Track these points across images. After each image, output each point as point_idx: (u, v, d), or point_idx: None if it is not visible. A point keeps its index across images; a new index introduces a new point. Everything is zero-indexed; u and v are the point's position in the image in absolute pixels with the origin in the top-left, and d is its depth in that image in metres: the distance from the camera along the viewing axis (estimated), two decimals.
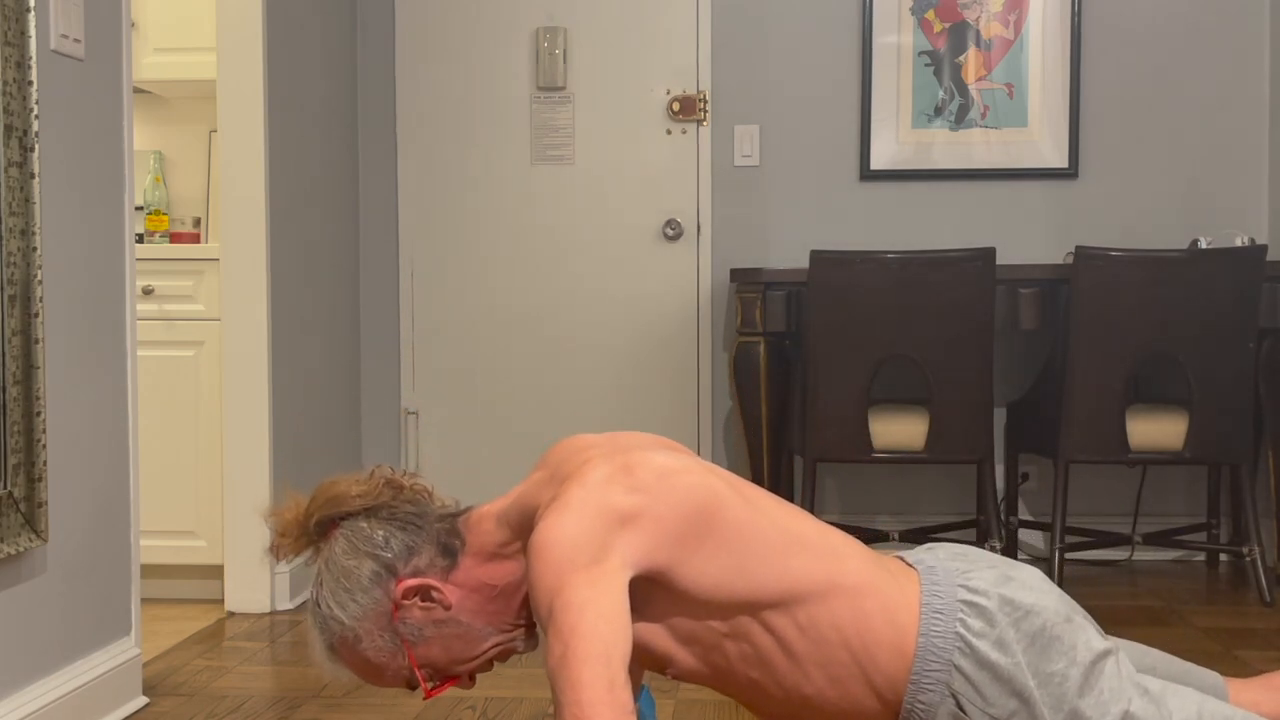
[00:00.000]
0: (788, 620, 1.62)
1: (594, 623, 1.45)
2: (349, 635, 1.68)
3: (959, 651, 1.61)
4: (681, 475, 1.61)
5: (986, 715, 1.60)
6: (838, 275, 3.62)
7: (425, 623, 1.68)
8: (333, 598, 1.68)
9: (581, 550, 1.50)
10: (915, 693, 1.62)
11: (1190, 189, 4.27)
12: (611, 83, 4.36)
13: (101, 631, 2.66)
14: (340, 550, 1.69)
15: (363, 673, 1.72)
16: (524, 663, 3.03)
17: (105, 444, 2.67)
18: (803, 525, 1.67)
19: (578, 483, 1.57)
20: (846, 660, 1.63)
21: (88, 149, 2.60)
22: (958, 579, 1.66)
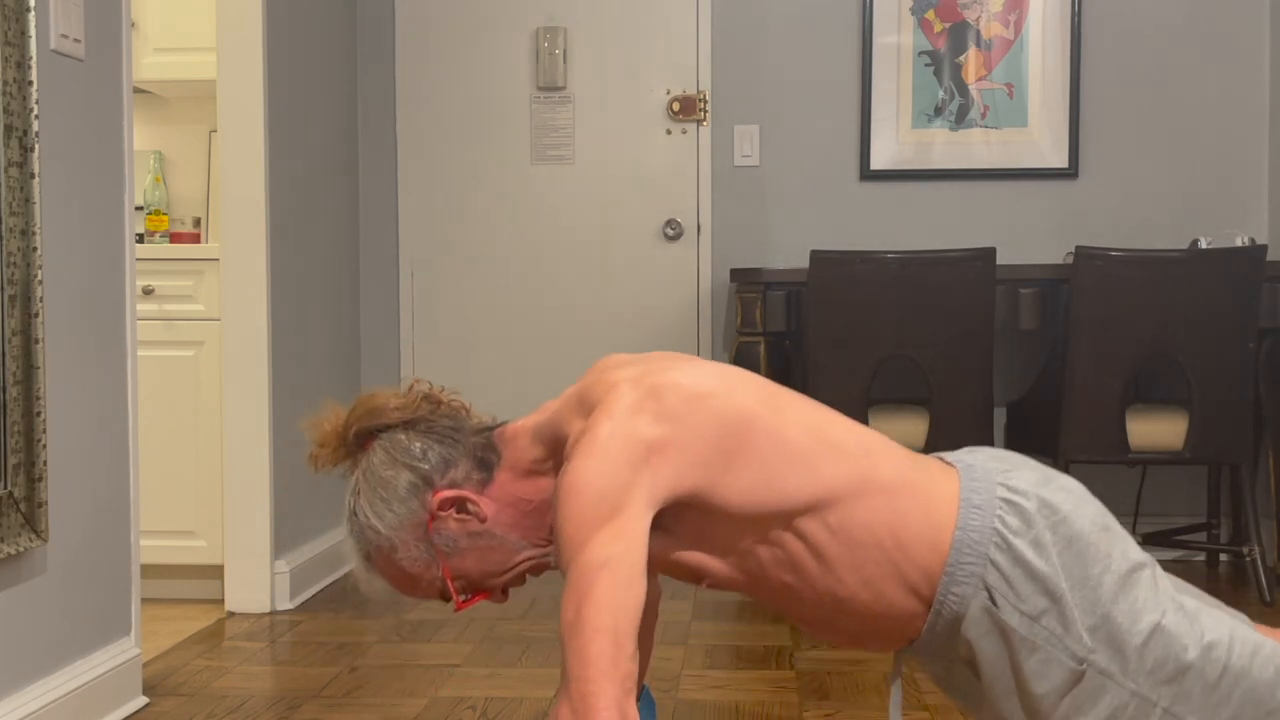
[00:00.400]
0: (819, 524, 1.62)
1: (608, 590, 1.47)
2: (385, 545, 1.70)
3: (995, 546, 1.61)
4: (710, 399, 1.61)
5: (1018, 611, 1.59)
6: (838, 275, 3.62)
7: (460, 534, 1.70)
8: (370, 508, 1.70)
9: (605, 499, 1.52)
10: (949, 584, 1.62)
11: (1190, 189, 4.27)
12: (611, 83, 4.36)
13: (101, 631, 2.66)
14: (378, 461, 1.71)
15: (397, 583, 1.73)
16: (524, 663, 3.04)
17: (105, 444, 2.67)
18: (835, 428, 1.68)
19: (605, 413, 1.58)
20: (880, 559, 1.63)
21: (88, 149, 2.60)
22: (997, 477, 1.67)
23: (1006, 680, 1.62)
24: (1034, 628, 1.59)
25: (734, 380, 1.67)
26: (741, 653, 3.13)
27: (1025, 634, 1.59)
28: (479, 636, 3.29)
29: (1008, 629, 1.60)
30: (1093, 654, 1.59)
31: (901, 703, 1.81)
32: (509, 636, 3.29)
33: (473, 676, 2.94)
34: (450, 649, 3.18)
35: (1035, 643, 1.59)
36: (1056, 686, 1.59)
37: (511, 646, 3.19)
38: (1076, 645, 1.59)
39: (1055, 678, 1.59)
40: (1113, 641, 1.59)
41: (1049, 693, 1.60)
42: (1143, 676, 1.59)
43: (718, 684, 2.86)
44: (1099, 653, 1.59)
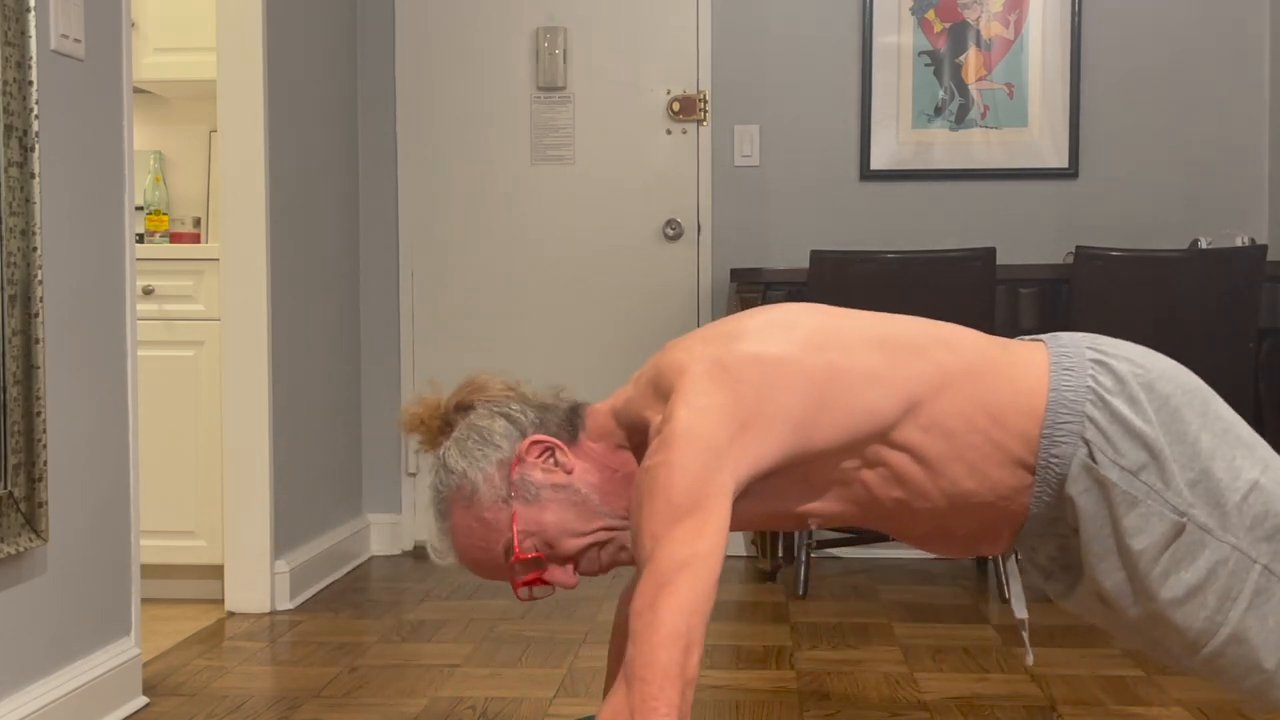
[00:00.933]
0: (912, 429, 1.64)
1: (687, 592, 1.48)
2: (466, 487, 1.71)
3: (1090, 403, 1.62)
4: (783, 366, 1.61)
5: (1117, 466, 1.60)
6: (838, 275, 3.62)
7: (544, 484, 1.71)
8: (459, 450, 1.73)
9: (688, 492, 1.53)
10: (1048, 447, 1.63)
11: (1190, 189, 4.27)
12: (611, 83, 4.36)
13: (101, 631, 2.66)
14: (475, 415, 1.76)
15: (471, 537, 1.72)
16: (524, 663, 3.04)
17: (105, 444, 2.67)
18: (903, 332, 1.68)
19: (681, 401, 1.58)
20: (979, 442, 1.64)
21: (88, 149, 2.60)
22: (1085, 343, 1.69)
23: (1106, 538, 1.62)
24: (1133, 482, 1.60)
25: (800, 332, 1.66)
26: (741, 653, 3.13)
27: (1125, 488, 1.60)
28: (479, 636, 3.29)
29: (1107, 484, 1.61)
30: (1192, 508, 1.60)
31: (1024, 597, 1.81)
32: (509, 636, 3.29)
33: (473, 676, 2.94)
34: (450, 649, 3.18)
35: (1135, 497, 1.60)
36: (1156, 541, 1.60)
37: (511, 646, 3.19)
38: (1176, 499, 1.60)
39: (1155, 532, 1.60)
40: (1212, 496, 1.60)
41: (1148, 548, 1.60)
42: (1242, 532, 1.60)
43: (718, 684, 2.86)
44: (1198, 507, 1.60)
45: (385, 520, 4.42)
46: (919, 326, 1.71)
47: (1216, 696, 2.76)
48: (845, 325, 1.69)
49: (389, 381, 4.43)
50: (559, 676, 2.93)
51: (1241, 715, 2.62)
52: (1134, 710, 2.67)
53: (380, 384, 4.42)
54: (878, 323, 1.70)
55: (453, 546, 1.74)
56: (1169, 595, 1.61)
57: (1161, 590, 1.61)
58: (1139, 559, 1.61)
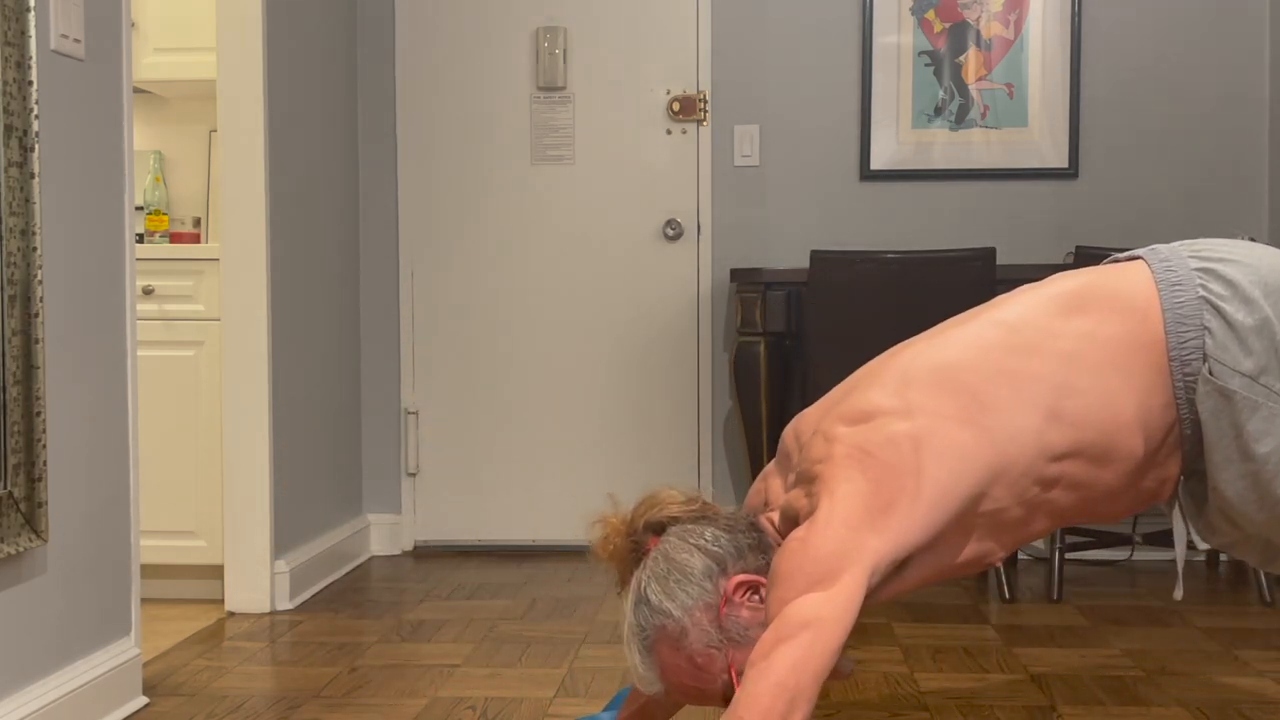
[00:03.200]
0: (1060, 424, 1.63)
1: (805, 650, 1.48)
2: (675, 629, 1.67)
3: (1207, 312, 1.61)
4: (924, 446, 1.60)
5: (1237, 374, 1.60)
6: (838, 275, 3.62)
7: (753, 624, 1.67)
8: (662, 589, 1.68)
9: (825, 561, 1.53)
10: (1179, 368, 1.62)
11: (1190, 189, 4.27)
12: (611, 83, 4.36)
13: (101, 631, 2.66)
14: (671, 546, 1.71)
15: (680, 676, 1.70)
16: (524, 663, 3.04)
17: (105, 444, 2.67)
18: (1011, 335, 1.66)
19: (825, 489, 1.59)
20: (1125, 401, 1.62)
21: (88, 149, 2.60)
22: (1186, 252, 1.68)
23: (1228, 447, 1.61)
24: (1254, 387, 1.60)
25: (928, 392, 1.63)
26: None
27: (1247, 394, 1.60)
28: (479, 636, 3.29)
29: (1228, 392, 1.60)
30: None
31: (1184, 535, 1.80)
32: (509, 636, 3.29)
33: (473, 676, 2.94)
34: (450, 649, 3.18)
35: (1257, 401, 1.59)
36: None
37: (511, 646, 3.19)
38: None
39: (1279, 434, 1.59)
40: None
41: (1274, 450, 1.60)
42: None
43: None
44: None
45: (385, 520, 4.42)
46: (1015, 313, 1.67)
47: (1216, 696, 2.76)
48: (961, 361, 1.66)
49: (389, 382, 4.43)
50: (559, 676, 2.93)
51: (1242, 716, 2.62)
52: (1134, 710, 2.67)
53: (380, 384, 4.42)
54: (981, 332, 1.67)
55: (661, 679, 1.71)
56: None
57: None
58: (1265, 462, 1.60)
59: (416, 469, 4.42)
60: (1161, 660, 3.03)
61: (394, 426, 4.43)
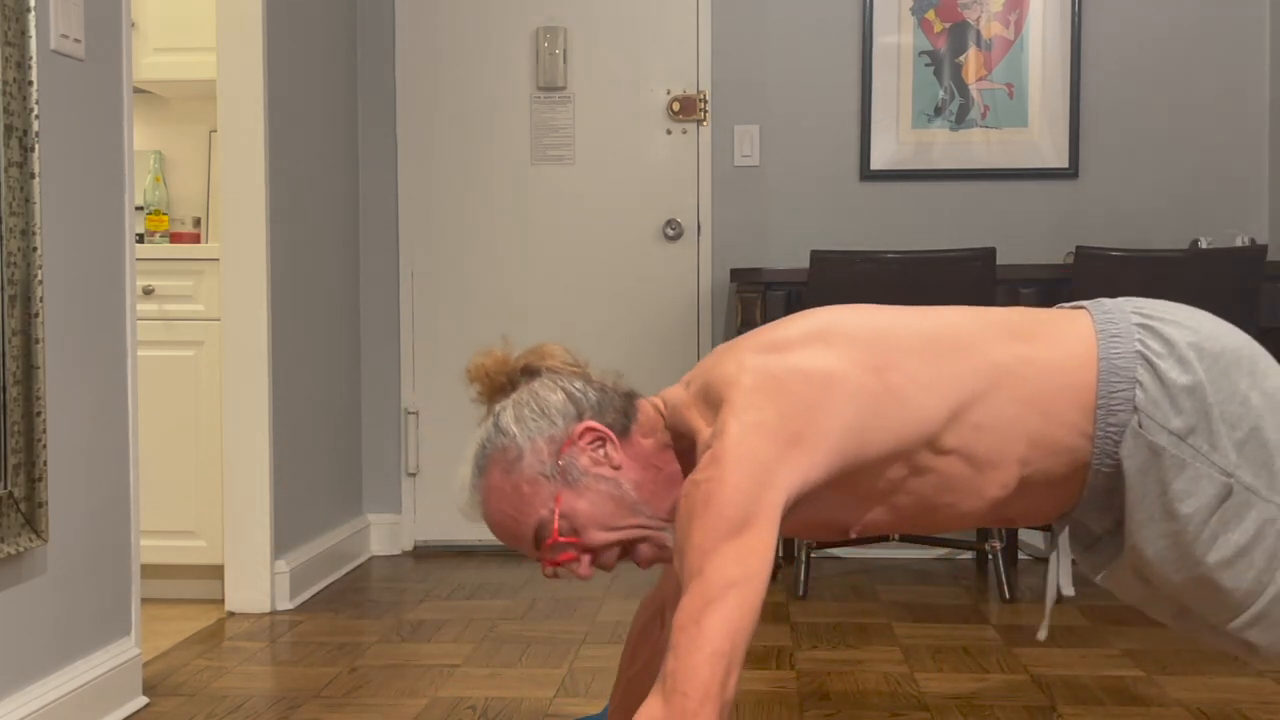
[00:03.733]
0: (963, 428, 1.63)
1: (735, 612, 1.48)
2: (513, 452, 1.70)
3: (1140, 368, 1.62)
4: (835, 383, 1.61)
5: (1166, 430, 1.60)
6: (838, 275, 3.62)
7: (588, 471, 1.70)
8: (515, 415, 1.72)
9: (737, 508, 1.52)
10: (1105, 417, 1.62)
11: (1190, 189, 4.27)
12: (611, 83, 4.36)
13: (101, 631, 2.66)
14: (540, 384, 1.76)
15: (504, 503, 1.71)
16: (524, 663, 3.04)
17: (105, 444, 2.67)
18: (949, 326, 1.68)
19: (731, 414, 1.58)
20: (1036, 424, 1.63)
21: (88, 149, 2.60)
22: (1129, 307, 1.69)
23: (1152, 505, 1.61)
24: (1182, 446, 1.60)
25: (845, 341, 1.65)
26: None
27: (1174, 452, 1.59)
28: (479, 636, 3.29)
29: (1156, 449, 1.60)
30: (1239, 469, 1.60)
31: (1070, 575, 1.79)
32: (509, 636, 3.29)
33: (473, 676, 2.94)
34: (450, 649, 3.18)
35: (1184, 460, 1.59)
36: (1204, 505, 1.60)
37: (511, 646, 3.19)
38: (1224, 460, 1.60)
39: (1203, 495, 1.59)
40: (1259, 456, 1.60)
41: (1197, 511, 1.60)
42: None
43: None
44: (1245, 468, 1.60)
45: (385, 520, 4.42)
46: (961, 319, 1.69)
47: (1216, 696, 2.76)
48: (891, 328, 1.68)
49: (389, 381, 4.43)
50: (559, 676, 2.93)
51: (1242, 715, 2.62)
52: (1134, 710, 2.67)
53: (380, 384, 4.42)
54: (921, 321, 1.69)
55: (482, 504, 1.73)
56: (1216, 557, 1.60)
57: (1209, 553, 1.60)
58: (1187, 523, 1.60)
59: (416, 469, 4.42)
60: (1161, 660, 3.03)
61: (394, 426, 4.43)
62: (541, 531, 1.70)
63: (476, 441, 1.75)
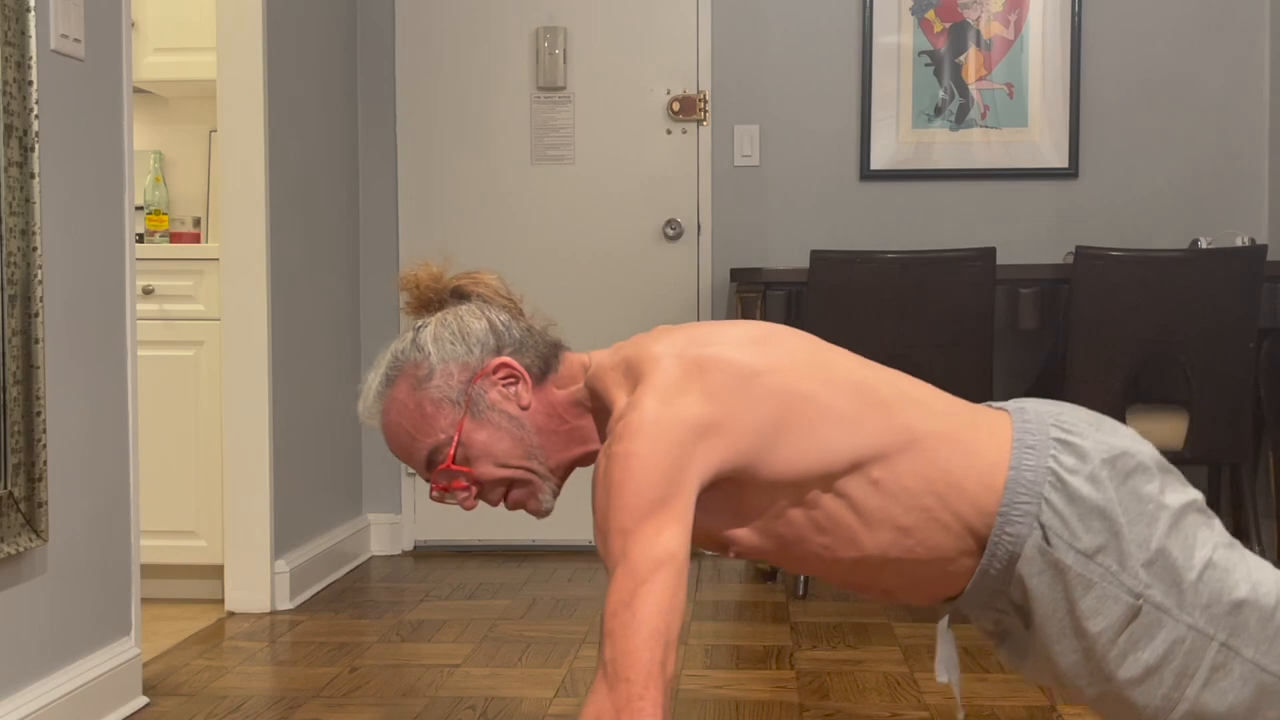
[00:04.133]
0: (862, 480, 1.62)
1: (664, 590, 1.47)
2: (424, 370, 1.70)
3: (1050, 485, 1.60)
4: (759, 377, 1.60)
5: (1073, 549, 1.58)
6: (838, 275, 3.62)
7: (495, 405, 1.70)
8: (434, 335, 1.72)
9: (657, 486, 1.51)
10: (1003, 525, 1.61)
11: (1190, 189, 4.27)
12: (611, 83, 4.36)
13: (101, 631, 2.66)
14: (466, 309, 1.75)
15: (401, 415, 1.71)
16: (524, 663, 3.04)
17: (105, 444, 2.67)
18: (882, 382, 1.67)
19: (650, 390, 1.57)
20: (927, 506, 1.62)
21: (88, 149, 2.60)
22: (1050, 419, 1.67)
23: (1061, 620, 1.60)
24: (1089, 565, 1.58)
25: (781, 349, 1.65)
26: (741, 653, 3.13)
27: (1081, 571, 1.58)
28: (479, 636, 3.29)
29: (1063, 567, 1.59)
30: (1149, 589, 1.58)
31: (955, 660, 1.78)
32: (509, 636, 3.29)
33: (473, 676, 2.94)
34: (450, 649, 3.18)
35: (1091, 579, 1.58)
36: (1113, 624, 1.58)
37: (511, 646, 3.19)
38: (1132, 580, 1.58)
39: (1112, 614, 1.58)
40: (1168, 575, 1.58)
41: (1106, 629, 1.59)
42: (1198, 610, 1.58)
43: (718, 684, 2.86)
44: (1155, 587, 1.58)
45: (385, 520, 4.42)
46: (896, 381, 1.68)
47: None
48: (827, 359, 1.67)
49: None
50: (559, 676, 2.93)
51: None
52: None
53: None
54: (858, 366, 1.68)
55: (383, 414, 1.73)
56: (1126, 675, 1.59)
57: (1119, 670, 1.59)
58: (1095, 640, 1.59)
59: None
60: None
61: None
62: (436, 455, 1.69)
63: (391, 351, 1.74)
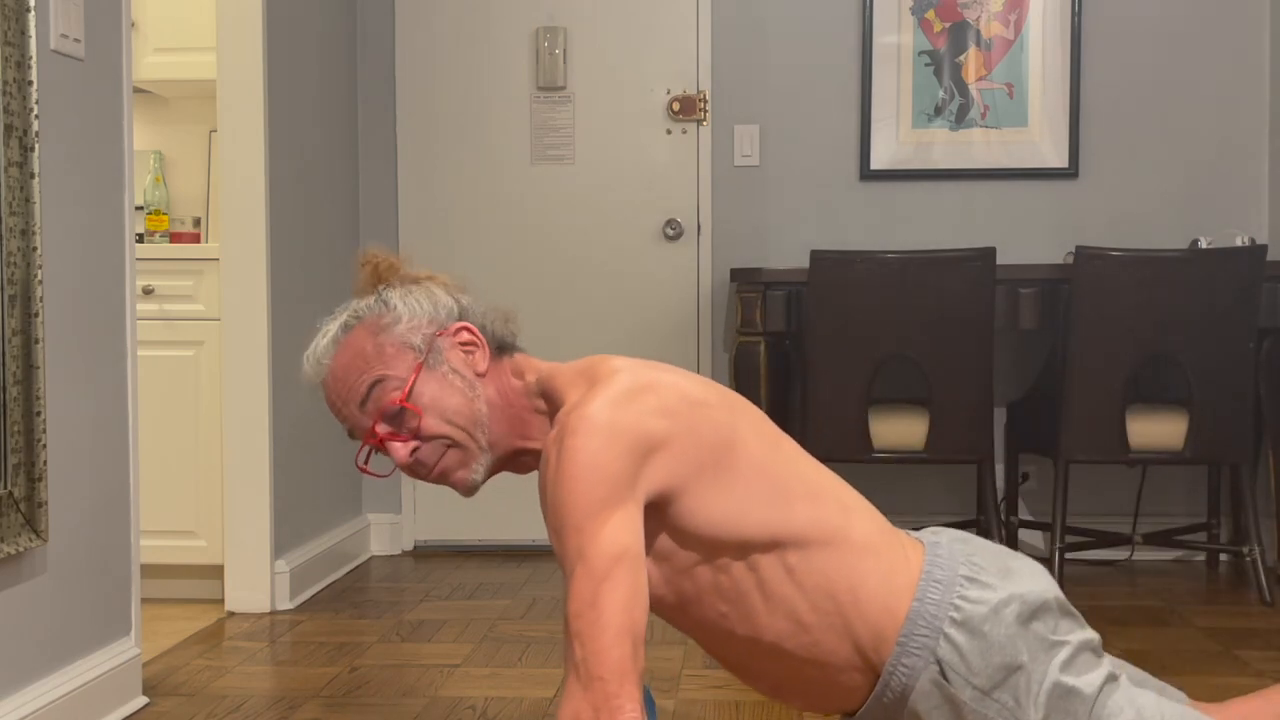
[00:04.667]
0: (776, 561, 1.61)
1: (627, 585, 1.47)
2: (388, 318, 1.72)
3: (951, 621, 1.60)
4: (706, 408, 1.61)
5: (970, 685, 1.59)
6: (838, 275, 3.62)
7: (451, 364, 1.71)
8: (400, 293, 1.75)
9: (613, 484, 1.52)
10: (900, 655, 1.61)
11: (1190, 189, 4.27)
12: (611, 83, 4.36)
13: (101, 631, 2.66)
14: (436, 284, 1.79)
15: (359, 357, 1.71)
16: (524, 663, 3.04)
17: (105, 444, 2.67)
18: (820, 476, 1.67)
19: (604, 391, 1.57)
20: (831, 610, 1.61)
21: (88, 149, 2.60)
22: (961, 557, 1.67)
23: None
24: (986, 702, 1.59)
25: (731, 401, 1.67)
26: None
27: (977, 707, 1.59)
28: (479, 636, 3.29)
29: (959, 702, 1.59)
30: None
31: None
32: (509, 636, 3.29)
33: (473, 676, 2.94)
34: (450, 649, 3.18)
35: (988, 716, 1.59)
36: None
37: (511, 646, 3.19)
38: (1028, 718, 1.59)
39: None
40: (1065, 715, 1.60)
41: None
42: None
43: (718, 684, 2.86)
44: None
45: (385, 520, 4.42)
46: (834, 482, 1.69)
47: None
48: (776, 434, 1.67)
49: None
50: (559, 676, 2.93)
51: None
52: None
53: None
54: (801, 454, 1.69)
55: (335, 355, 1.73)
56: None
57: None
58: None
59: None
60: (1161, 660, 3.03)
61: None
62: (384, 392, 1.68)
63: (350, 308, 1.76)
